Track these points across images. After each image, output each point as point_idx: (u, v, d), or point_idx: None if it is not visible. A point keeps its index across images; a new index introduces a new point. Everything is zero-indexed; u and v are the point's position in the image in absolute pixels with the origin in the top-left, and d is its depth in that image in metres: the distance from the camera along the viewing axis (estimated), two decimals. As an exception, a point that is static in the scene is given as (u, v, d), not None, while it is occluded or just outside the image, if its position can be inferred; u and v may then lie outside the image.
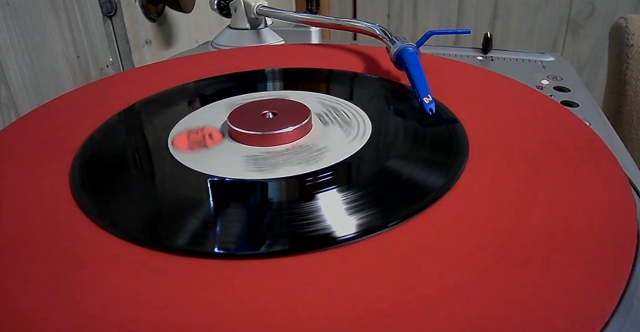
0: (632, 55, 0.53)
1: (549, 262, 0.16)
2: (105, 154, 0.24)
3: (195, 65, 0.36)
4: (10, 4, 0.39)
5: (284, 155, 0.23)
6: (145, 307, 0.15)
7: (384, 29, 0.35)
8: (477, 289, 0.15)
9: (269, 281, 0.16)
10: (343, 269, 0.16)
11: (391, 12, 1.03)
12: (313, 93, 0.30)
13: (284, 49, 0.41)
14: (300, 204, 0.19)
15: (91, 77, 0.48)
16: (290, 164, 0.22)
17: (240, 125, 0.24)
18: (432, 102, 0.26)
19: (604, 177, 0.21)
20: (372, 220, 0.18)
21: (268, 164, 0.22)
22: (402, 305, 0.15)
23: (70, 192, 0.21)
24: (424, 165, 0.22)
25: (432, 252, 0.17)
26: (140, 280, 0.16)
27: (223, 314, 0.15)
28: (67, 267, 0.17)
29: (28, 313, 0.15)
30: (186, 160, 0.23)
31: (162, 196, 0.21)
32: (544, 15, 0.95)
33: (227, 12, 0.49)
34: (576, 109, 0.34)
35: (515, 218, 0.18)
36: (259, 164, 0.22)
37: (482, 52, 0.48)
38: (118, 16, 0.50)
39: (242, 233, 0.18)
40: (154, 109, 0.29)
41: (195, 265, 0.17)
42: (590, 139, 0.24)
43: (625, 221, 0.18)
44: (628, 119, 0.54)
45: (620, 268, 0.16)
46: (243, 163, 0.22)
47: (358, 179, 0.21)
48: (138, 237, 0.18)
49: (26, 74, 0.41)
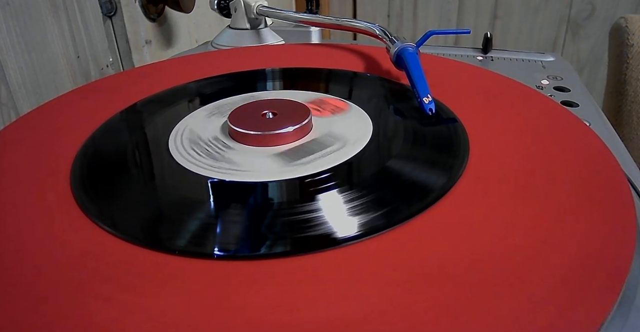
0: (632, 55, 0.53)
1: (548, 262, 0.16)
2: (105, 154, 0.24)
3: (195, 65, 0.36)
4: (10, 4, 0.39)
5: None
6: (145, 307, 0.15)
7: (384, 29, 0.35)
8: (477, 289, 0.15)
9: (269, 281, 0.16)
10: (343, 269, 0.16)
11: (391, 12, 1.03)
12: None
13: (284, 49, 0.41)
14: (300, 205, 0.19)
15: (91, 77, 0.48)
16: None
17: (244, 126, 0.24)
18: (431, 102, 0.26)
19: (604, 177, 0.21)
20: (372, 220, 0.18)
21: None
22: (402, 305, 0.15)
23: (70, 192, 0.21)
24: (425, 165, 0.22)
25: (433, 252, 0.17)
26: (140, 280, 0.16)
27: (223, 314, 0.15)
28: (67, 267, 0.17)
29: (28, 312, 0.15)
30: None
31: (162, 196, 0.21)
32: (544, 15, 0.95)
33: (227, 12, 0.49)
34: (576, 109, 0.34)
35: (516, 217, 0.18)
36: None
37: (482, 52, 0.48)
38: (118, 16, 0.50)
39: (242, 234, 0.18)
40: (154, 108, 0.29)
41: (195, 266, 0.17)
42: (590, 139, 0.24)
43: (625, 220, 0.18)
44: (628, 119, 0.54)
45: (620, 268, 0.16)
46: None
47: (358, 180, 0.21)
48: (138, 238, 0.18)
49: (26, 74, 0.41)
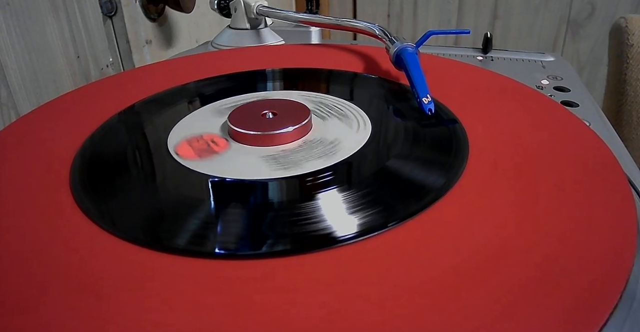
0: (632, 55, 0.53)
1: (548, 262, 0.16)
2: (105, 154, 0.24)
3: (195, 65, 0.36)
4: (10, 4, 0.39)
5: (300, 152, 0.23)
6: (145, 307, 0.15)
7: (384, 29, 0.35)
8: (476, 289, 0.15)
9: (270, 282, 0.16)
10: (343, 269, 0.16)
11: (391, 12, 1.03)
12: (295, 91, 0.30)
13: (284, 49, 0.41)
14: (299, 204, 0.19)
15: (91, 77, 0.48)
16: (311, 159, 0.23)
17: (244, 126, 0.24)
18: (431, 103, 0.26)
19: (604, 177, 0.21)
20: (372, 220, 0.18)
21: (289, 161, 0.22)
22: (402, 305, 0.15)
23: (70, 192, 0.21)
24: (424, 165, 0.22)
25: (433, 252, 0.17)
26: (140, 280, 0.16)
27: (223, 315, 0.15)
28: (67, 267, 0.17)
29: (28, 312, 0.15)
30: (200, 167, 0.23)
31: (162, 196, 0.21)
32: (544, 15, 0.95)
33: (227, 12, 0.49)
34: (576, 109, 0.34)
35: (516, 217, 0.18)
36: (281, 163, 0.22)
37: (482, 52, 0.48)
38: (118, 16, 0.50)
39: (243, 233, 0.18)
40: (153, 109, 0.29)
41: (195, 265, 0.17)
42: (590, 139, 0.24)
43: (625, 220, 0.18)
44: (628, 119, 0.54)
45: (620, 268, 0.16)
46: (264, 163, 0.23)
47: (358, 179, 0.21)
48: (138, 238, 0.18)
49: (26, 74, 0.41)
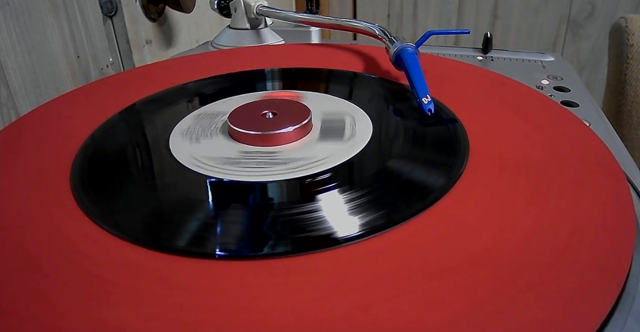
0: (632, 55, 0.53)
1: (548, 262, 0.16)
2: (105, 154, 0.24)
3: (195, 65, 0.36)
4: (10, 4, 0.39)
5: (285, 164, 0.23)
6: (145, 307, 0.15)
7: (384, 29, 0.35)
8: (477, 289, 0.15)
9: (269, 281, 0.16)
10: (344, 269, 0.16)
11: (391, 12, 1.03)
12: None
13: (284, 49, 0.41)
14: (301, 205, 0.19)
15: (91, 77, 0.48)
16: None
17: (244, 126, 0.24)
18: (430, 103, 0.26)
19: (604, 177, 0.21)
20: (372, 220, 0.18)
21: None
22: (402, 305, 0.15)
23: (70, 192, 0.21)
24: (425, 165, 0.22)
25: (433, 252, 0.17)
26: (140, 280, 0.16)
27: (224, 315, 0.15)
28: (67, 267, 0.17)
29: (28, 312, 0.15)
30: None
31: (163, 196, 0.21)
32: (544, 15, 0.95)
33: (227, 12, 0.49)
34: (576, 109, 0.34)
35: (516, 217, 0.18)
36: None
37: (482, 52, 0.48)
38: (118, 16, 0.50)
39: (243, 234, 0.18)
40: (154, 108, 0.29)
41: (195, 266, 0.17)
42: (590, 139, 0.24)
43: (625, 220, 0.18)
44: (628, 119, 0.54)
45: (620, 268, 0.16)
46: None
47: (358, 180, 0.21)
48: (139, 238, 0.18)
49: (26, 74, 0.41)
